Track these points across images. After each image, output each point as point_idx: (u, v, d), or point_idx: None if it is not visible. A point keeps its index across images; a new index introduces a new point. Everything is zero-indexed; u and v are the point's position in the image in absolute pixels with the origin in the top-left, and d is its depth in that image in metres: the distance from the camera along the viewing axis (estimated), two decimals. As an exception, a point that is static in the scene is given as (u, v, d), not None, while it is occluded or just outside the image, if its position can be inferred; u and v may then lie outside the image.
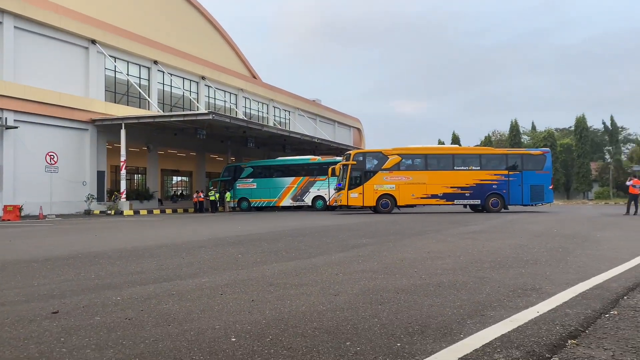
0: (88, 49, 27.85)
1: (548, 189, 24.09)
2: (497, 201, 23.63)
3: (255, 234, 10.95)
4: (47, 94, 24.95)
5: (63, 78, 26.41)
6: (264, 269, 5.61)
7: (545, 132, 64.12)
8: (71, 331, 3.09)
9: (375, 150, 25.08)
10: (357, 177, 23.66)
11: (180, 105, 36.17)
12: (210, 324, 3.25)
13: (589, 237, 9.48)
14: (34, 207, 23.21)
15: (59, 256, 7.08)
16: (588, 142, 60.12)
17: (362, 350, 2.67)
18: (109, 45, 28.88)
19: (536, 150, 25.98)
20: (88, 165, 27.31)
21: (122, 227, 14.43)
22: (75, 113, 26.39)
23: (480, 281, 4.72)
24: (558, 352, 2.67)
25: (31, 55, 24.92)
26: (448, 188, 23.57)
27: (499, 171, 23.89)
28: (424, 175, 23.71)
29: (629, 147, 69.23)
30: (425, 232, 10.89)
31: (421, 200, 23.91)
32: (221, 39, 42.50)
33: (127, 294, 4.25)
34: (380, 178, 23.61)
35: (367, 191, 23.47)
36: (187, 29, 37.91)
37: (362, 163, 23.88)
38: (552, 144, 60.87)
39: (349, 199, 23.55)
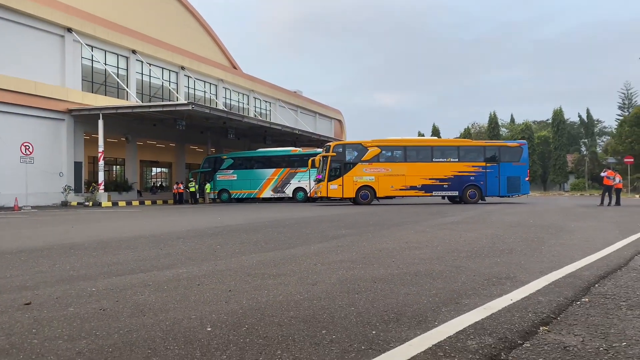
0: (64, 37, 27.25)
1: (524, 180, 24.49)
2: (475, 192, 23.88)
3: (235, 225, 10.91)
4: (22, 83, 24.38)
5: (38, 67, 25.82)
6: (243, 260, 5.60)
7: (523, 125, 65.00)
8: (43, 322, 3.04)
9: (355, 142, 25.08)
10: (336, 169, 23.67)
11: (159, 96, 35.70)
12: (186, 314, 3.24)
13: (564, 227, 9.66)
14: (9, 199, 22.74)
15: (33, 247, 6.96)
16: (565, 134, 61.14)
17: (338, 339, 2.69)
18: (85, 34, 28.29)
19: (513, 143, 26.25)
20: (65, 156, 26.82)
21: (99, 219, 14.24)
22: (51, 103, 25.85)
23: (456, 270, 4.78)
24: (530, 338, 2.72)
25: (5, 44, 24.29)
26: (427, 180, 23.77)
27: (477, 163, 24.17)
28: (403, 167, 23.88)
29: (604, 140, 70.61)
30: (404, 223, 10.97)
31: (400, 192, 24.09)
32: (201, 28, 41.99)
33: (102, 285, 4.20)
34: (360, 170, 23.65)
35: (347, 183, 23.51)
36: (166, 18, 37.36)
37: (341, 155, 23.86)
38: (529, 137, 61.74)
39: (329, 191, 23.56)
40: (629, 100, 63.68)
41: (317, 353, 2.46)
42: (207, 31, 42.69)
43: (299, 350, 2.51)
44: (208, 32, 42.84)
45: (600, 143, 69.61)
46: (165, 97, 35.68)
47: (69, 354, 2.45)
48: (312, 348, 2.53)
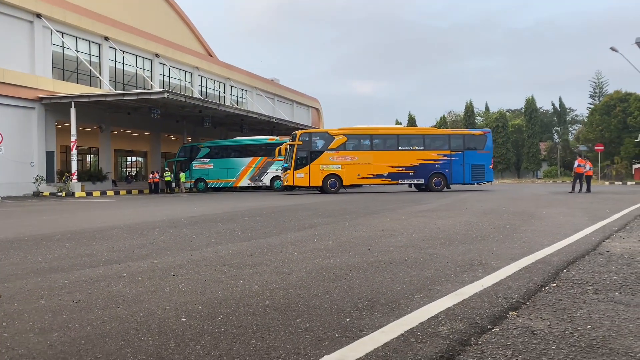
0: (33, 23, 26.48)
1: (488, 168, 24.91)
2: (440, 180, 24.15)
3: (211, 214, 10.85)
4: (-11, 70, 23.66)
5: (6, 54, 25.07)
6: (218, 250, 5.59)
7: (498, 113, 65.82)
8: (14, 316, 3.00)
9: (322, 130, 25.15)
10: (303, 158, 23.54)
11: (133, 84, 35.06)
12: (160, 305, 3.23)
13: (535, 214, 9.87)
14: (-22, 190, 22.17)
15: (3, 239, 6.82)
16: (538, 122, 62.17)
17: (312, 327, 2.71)
18: (55, 20, 27.54)
19: (477, 131, 26.50)
20: (36, 145, 26.20)
21: (72, 209, 13.99)
22: (20, 91, 25.16)
23: (430, 257, 4.86)
24: (499, 323, 2.79)
25: (-30, 29, 23.50)
26: (393, 168, 23.92)
27: (442, 151, 24.38)
28: (369, 156, 23.95)
29: (576, 128, 72.08)
30: (381, 211, 11.06)
31: (367, 180, 24.22)
32: (176, 15, 41.27)
33: (75, 277, 4.15)
34: (327, 158, 23.61)
35: (313, 171, 23.43)
36: (140, 4, 36.58)
37: (308, 143, 23.73)
38: (504, 125, 62.65)
39: (295, 179, 23.46)
40: (600, 89, 65.06)
41: (291, 341, 2.48)
42: (182, 18, 41.98)
43: (273, 339, 2.53)
44: (183, 19, 42.14)
45: (572, 131, 71.05)
46: (139, 85, 35.06)
47: (40, 347, 2.43)
48: (286, 336, 2.56)
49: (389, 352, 2.32)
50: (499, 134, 62.53)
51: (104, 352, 2.36)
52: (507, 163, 62.24)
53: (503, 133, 62.27)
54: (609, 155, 49.25)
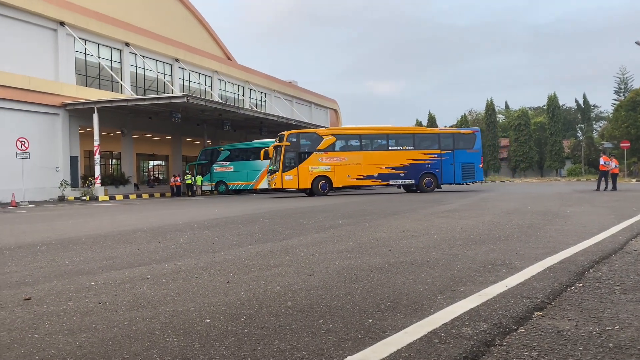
0: (57, 31, 27.06)
1: (478, 167, 24.56)
2: (431, 181, 23.66)
3: (232, 216, 10.93)
4: (15, 78, 24.24)
5: (32, 61, 25.67)
6: (240, 251, 5.63)
7: (519, 111, 64.94)
8: (44, 317, 3.07)
9: (310, 131, 24.55)
10: (291, 159, 22.78)
11: (154, 88, 35.55)
12: (184, 306, 3.27)
13: (560, 213, 9.71)
14: (6, 194, 22.71)
15: (31, 243, 6.98)
16: (560, 120, 61.19)
17: (335, 328, 2.72)
18: (78, 27, 28.10)
19: (466, 130, 26.09)
20: (60, 150, 26.75)
21: (97, 213, 14.24)
22: (45, 97, 25.72)
23: (452, 258, 4.82)
24: (524, 323, 2.76)
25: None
26: (383, 168, 23.32)
27: (432, 150, 23.93)
28: (359, 156, 23.37)
29: (600, 125, 70.70)
30: (401, 212, 11.01)
31: (357, 181, 23.47)
32: (194, 19, 41.72)
33: (101, 279, 4.23)
34: (315, 159, 22.87)
35: (302, 173, 22.68)
36: (159, 9, 37.09)
37: (296, 144, 22.94)
38: (526, 123, 61.83)
39: (283, 182, 22.65)
40: (625, 84, 63.66)
41: (314, 342, 2.49)
42: (200, 22, 42.42)
43: (296, 339, 2.54)
44: (202, 24, 42.58)
45: (597, 128, 69.73)
46: (160, 90, 35.53)
47: (69, 348, 2.48)
48: (309, 337, 2.57)
49: (413, 353, 2.31)
50: (521, 132, 61.75)
51: (131, 353, 2.40)
52: (530, 161, 61.39)
53: (525, 131, 61.47)
54: (636, 152, 48.16)
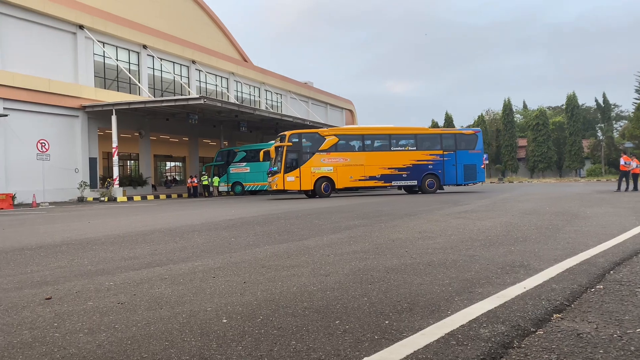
0: (76, 34, 27.47)
1: (480, 168, 24.38)
2: (433, 182, 23.34)
3: (248, 217, 10.98)
4: (36, 81, 24.67)
5: (52, 64, 26.10)
6: (256, 252, 5.66)
7: (538, 111, 64.16)
8: (64, 316, 3.12)
9: (312, 131, 24.01)
10: (293, 160, 22.22)
11: (171, 90, 35.89)
12: (202, 306, 3.29)
13: (579, 213, 9.58)
14: (27, 195, 23.12)
15: (52, 243, 7.09)
16: (580, 119, 60.28)
17: (351, 329, 2.72)
18: (97, 30, 28.49)
19: (468, 130, 25.80)
20: (80, 152, 27.14)
21: (115, 214, 14.42)
22: (65, 100, 26.13)
23: (470, 259, 4.78)
24: (543, 326, 2.73)
25: (18, 42, 24.57)
26: (386, 169, 22.92)
27: (434, 151, 23.60)
28: (361, 157, 22.96)
29: (621, 124, 69.46)
30: (417, 213, 10.96)
31: (359, 183, 23.02)
32: (211, 21, 42.03)
33: (119, 279, 4.28)
34: (318, 160, 22.32)
35: (304, 174, 22.09)
36: (176, 12, 37.43)
37: (298, 144, 22.41)
38: (544, 122, 61.06)
39: (285, 183, 22.04)
40: (646, 83, 62.42)
41: (330, 343, 2.50)
42: (217, 24, 42.71)
43: (312, 340, 2.54)
44: (218, 25, 42.87)
45: (617, 127, 68.49)
46: (177, 92, 35.86)
47: (89, 347, 2.52)
48: (325, 338, 2.57)
49: (430, 355, 2.30)
50: (539, 132, 60.99)
51: (149, 352, 2.43)
52: (549, 162, 60.59)
53: (544, 131, 60.69)
54: (657, 152, 47.26)
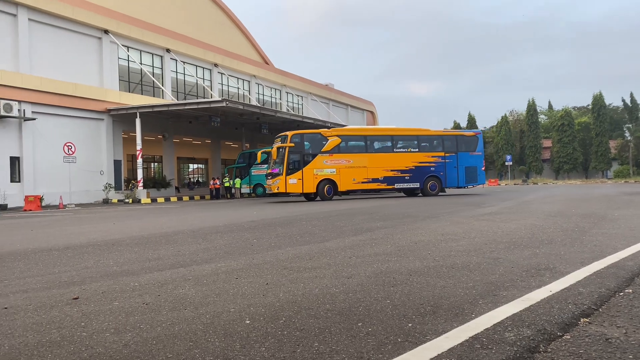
0: (101, 39, 28.00)
1: (481, 170, 24.11)
2: (435, 184, 23.01)
3: (270, 219, 11.03)
4: (62, 85, 25.22)
5: (78, 69, 26.64)
6: (278, 253, 5.68)
7: (563, 111, 63.09)
8: (91, 316, 3.18)
9: (314, 131, 23.15)
10: (295, 161, 21.41)
11: (194, 93, 36.29)
12: (225, 307, 3.32)
13: (606, 216, 9.38)
14: (54, 197, 23.63)
15: (78, 244, 7.23)
16: (606, 119, 59.09)
17: (374, 331, 2.71)
18: (121, 35, 28.99)
19: (469, 132, 25.42)
20: (105, 154, 27.64)
21: (139, 215, 14.64)
22: (90, 103, 26.65)
23: (494, 262, 4.72)
24: (570, 330, 2.68)
25: (46, 47, 25.16)
26: (388, 171, 22.45)
27: (436, 153, 23.31)
28: (364, 158, 22.37)
29: (649, 124, 67.77)
30: (440, 215, 10.86)
31: (362, 185, 22.36)
32: (233, 25, 42.40)
33: (144, 280, 4.34)
34: (320, 162, 21.63)
35: (307, 176, 21.32)
36: (198, 16, 37.87)
37: (300, 145, 21.67)
38: (569, 123, 60.05)
39: (288, 186, 21.23)
40: (676, 82, 60.82)
41: (353, 345, 2.49)
42: (239, 28, 43.08)
43: (335, 342, 2.54)
44: (240, 29, 43.23)
45: (646, 127, 66.87)
46: (199, 95, 36.25)
47: (115, 347, 2.56)
48: (348, 340, 2.57)
49: (453, 358, 2.28)
50: (564, 133, 59.99)
51: (174, 352, 2.45)
52: (574, 163, 59.54)
53: (569, 132, 59.68)
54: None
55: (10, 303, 3.62)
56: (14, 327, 2.99)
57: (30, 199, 21.27)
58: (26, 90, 23.55)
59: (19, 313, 3.32)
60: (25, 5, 23.89)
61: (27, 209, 20.97)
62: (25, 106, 23.68)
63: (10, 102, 22.61)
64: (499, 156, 63.68)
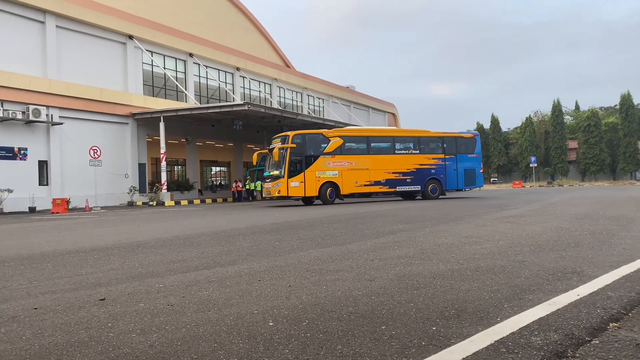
0: (126, 44, 28.49)
1: (479, 172, 23.62)
2: (436, 187, 22.44)
3: (292, 221, 11.06)
4: (89, 90, 25.74)
5: (103, 74, 27.16)
6: (301, 256, 5.69)
7: (589, 112, 61.84)
8: (117, 317, 3.23)
9: (316, 132, 22.04)
10: (297, 163, 20.38)
11: (216, 97, 36.65)
12: (248, 309, 3.34)
13: (635, 218, 9.16)
14: (81, 200, 24.10)
15: (104, 246, 7.36)
16: (635, 119, 57.72)
17: (398, 334, 2.69)
18: (145, 40, 29.47)
19: (467, 133, 24.85)
20: (129, 158, 28.09)
21: (163, 218, 14.83)
22: (116, 108, 27.14)
23: (519, 265, 4.65)
24: (598, 335, 2.62)
25: (72, 53, 25.71)
26: (390, 174, 21.71)
27: (436, 155, 22.77)
28: (366, 160, 21.54)
29: (679, 124, 65.98)
30: (463, 217, 10.75)
31: (365, 188, 21.55)
32: (254, 29, 42.71)
33: (169, 282, 4.40)
34: (322, 164, 20.68)
35: (309, 179, 20.31)
36: (220, 20, 38.25)
37: (302, 146, 20.54)
38: (596, 124, 58.84)
39: (289, 189, 20.17)
40: None
41: (377, 348, 2.48)
42: (260, 32, 43.37)
43: (359, 345, 2.53)
44: (262, 33, 43.52)
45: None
46: (222, 98, 36.59)
47: (142, 347, 2.60)
48: (372, 343, 2.56)
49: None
50: (591, 134, 58.83)
51: (198, 354, 2.48)
52: (601, 164, 58.29)
53: (595, 132, 58.48)
54: None
55: (39, 304, 3.70)
56: (43, 327, 3.06)
57: (58, 202, 21.72)
58: (54, 95, 24.10)
59: (48, 313, 3.40)
60: (53, 13, 24.47)
61: (54, 211, 21.43)
62: (53, 111, 24.23)
63: (39, 108, 23.17)
64: (523, 158, 62.74)
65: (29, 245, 7.89)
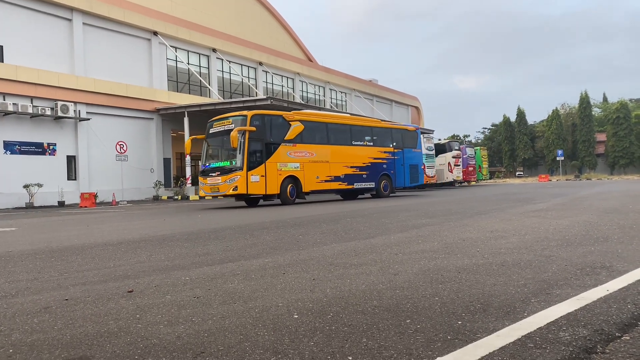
0: (150, 40, 28.87)
1: (421, 168, 22.30)
2: (387, 184, 20.24)
3: (315, 215, 11.09)
4: (115, 86, 26.18)
5: (128, 70, 27.59)
6: (324, 249, 5.70)
7: (618, 104, 60.36)
8: (145, 309, 3.29)
9: (276, 113, 17.54)
10: (256, 152, 16.21)
11: (239, 92, 36.88)
12: (273, 301, 3.36)
13: (667, 213, 8.92)
14: (107, 194, 24.59)
15: (131, 239, 7.50)
16: (667, 112, 56.16)
17: (423, 328, 2.68)
18: (169, 36, 29.80)
19: (410, 126, 23.26)
20: (155, 153, 28.52)
21: (188, 211, 15.01)
22: (141, 103, 27.55)
23: (546, 260, 4.58)
24: (629, 331, 2.57)
25: (98, 50, 26.17)
26: (348, 168, 18.88)
27: (387, 148, 20.53)
28: (327, 151, 18.31)
29: None
30: (489, 212, 10.63)
31: (325, 185, 18.22)
32: (277, 23, 42.77)
33: (195, 274, 4.46)
34: (284, 153, 16.91)
35: (270, 172, 16.33)
36: (244, 15, 38.42)
37: (261, 130, 16.41)
38: (625, 116, 57.45)
39: (249, 185, 15.78)
40: None
41: (402, 342, 2.48)
42: (283, 26, 43.42)
43: (384, 338, 2.53)
44: (284, 27, 43.57)
45: None
46: (245, 93, 36.80)
47: (169, 338, 2.65)
48: (397, 337, 2.55)
49: (506, 357, 2.23)
50: (620, 126, 57.47)
51: (225, 345, 2.51)
52: (631, 157, 56.91)
53: (625, 125, 57.10)
54: None
55: (70, 295, 3.79)
56: (74, 317, 3.14)
57: (86, 196, 22.20)
58: (81, 91, 24.60)
59: (79, 304, 3.48)
60: (80, 10, 24.93)
61: (82, 205, 21.90)
62: (80, 107, 24.73)
63: (67, 104, 23.67)
64: (549, 151, 61.65)
65: (59, 239, 8.08)
